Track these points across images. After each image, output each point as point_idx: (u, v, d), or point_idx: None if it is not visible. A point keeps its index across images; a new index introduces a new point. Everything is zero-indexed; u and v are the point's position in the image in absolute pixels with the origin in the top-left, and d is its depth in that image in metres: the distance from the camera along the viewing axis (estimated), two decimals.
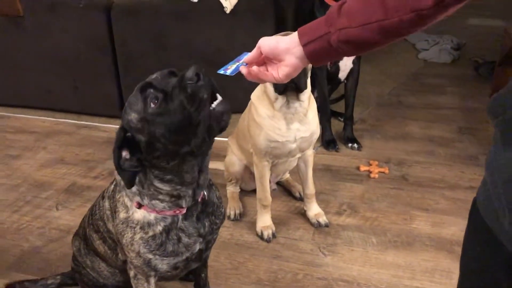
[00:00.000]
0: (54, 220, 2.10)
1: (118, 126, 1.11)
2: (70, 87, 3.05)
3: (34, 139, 2.84)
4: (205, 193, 1.24)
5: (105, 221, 1.31)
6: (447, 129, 2.81)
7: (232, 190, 2.17)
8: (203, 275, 1.56)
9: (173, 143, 1.03)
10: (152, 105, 1.02)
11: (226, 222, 2.04)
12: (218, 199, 1.33)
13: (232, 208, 2.10)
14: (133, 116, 1.05)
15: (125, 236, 1.21)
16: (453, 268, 1.76)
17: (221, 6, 2.67)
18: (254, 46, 1.77)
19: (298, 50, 0.93)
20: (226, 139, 2.22)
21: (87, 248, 1.49)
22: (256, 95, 1.83)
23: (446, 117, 2.96)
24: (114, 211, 1.24)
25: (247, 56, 1.04)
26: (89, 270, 1.52)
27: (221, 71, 1.07)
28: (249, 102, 1.88)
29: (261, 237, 1.95)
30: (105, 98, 3.02)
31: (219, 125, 1.03)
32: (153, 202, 1.16)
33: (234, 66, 1.07)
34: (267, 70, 1.01)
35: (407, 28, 0.83)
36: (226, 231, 2.00)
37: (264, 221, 1.97)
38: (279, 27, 2.74)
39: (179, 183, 1.13)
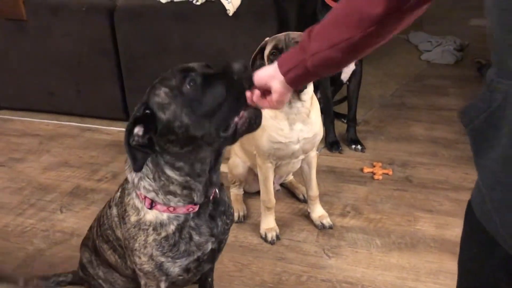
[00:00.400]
0: (58, 223, 2.10)
1: (122, 129, 1.11)
2: (73, 90, 3.06)
3: (38, 142, 2.85)
4: (217, 191, 1.23)
5: (114, 229, 1.30)
6: (451, 130, 2.80)
7: (236, 192, 2.17)
8: (209, 279, 1.54)
9: (196, 126, 1.02)
10: (188, 86, 1.02)
11: None
12: (228, 198, 1.33)
13: (236, 210, 2.09)
14: (163, 91, 1.04)
15: (138, 239, 1.19)
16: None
17: (223, 9, 2.67)
18: (256, 48, 1.80)
19: (280, 75, 1.01)
20: None
21: (99, 260, 1.48)
22: None
23: (449, 118, 2.96)
24: (122, 217, 1.22)
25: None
26: (101, 282, 1.50)
27: None
28: None
29: (265, 239, 1.95)
30: (109, 101, 3.02)
31: (249, 125, 1.04)
32: (168, 197, 1.13)
33: None
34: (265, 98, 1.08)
35: (372, 41, 0.90)
36: (230, 233, 1.97)
37: (268, 223, 1.97)
38: (282, 29, 2.74)
39: (189, 173, 1.10)
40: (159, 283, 1.25)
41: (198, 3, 2.67)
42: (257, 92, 1.04)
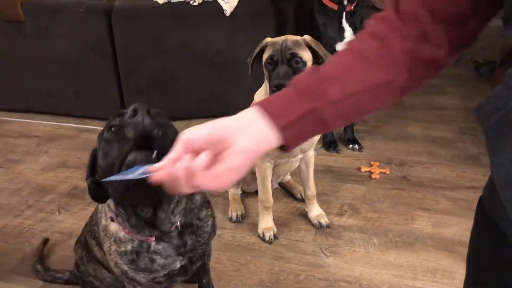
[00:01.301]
0: (56, 224, 2.11)
1: None
2: (71, 91, 3.06)
3: (36, 143, 2.85)
4: (178, 222, 1.16)
5: (99, 224, 1.30)
6: (448, 130, 2.81)
7: (233, 192, 2.18)
8: (204, 280, 1.54)
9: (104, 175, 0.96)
10: (106, 131, 0.99)
11: (228, 224, 2.05)
12: (202, 219, 1.24)
13: (233, 210, 2.10)
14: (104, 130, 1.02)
15: (104, 244, 1.20)
16: (455, 268, 1.76)
17: (221, 9, 2.68)
18: (254, 48, 1.80)
19: (258, 128, 0.66)
20: None
21: (89, 256, 1.49)
22: (259, 95, 1.84)
23: (447, 117, 2.97)
24: (100, 216, 1.24)
25: (162, 162, 0.66)
26: (92, 279, 1.52)
27: (112, 178, 0.80)
28: (253, 102, 1.88)
29: (262, 238, 1.95)
30: (107, 102, 3.03)
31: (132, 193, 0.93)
32: (125, 223, 1.11)
33: (132, 174, 0.72)
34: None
35: (418, 85, 0.73)
36: (228, 233, 2.00)
37: (266, 223, 1.97)
38: (279, 29, 2.75)
39: (127, 220, 1.08)
40: (134, 286, 1.24)
41: (195, 4, 2.68)
42: (202, 157, 0.63)
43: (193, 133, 0.65)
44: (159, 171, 0.65)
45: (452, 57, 0.72)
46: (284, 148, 0.69)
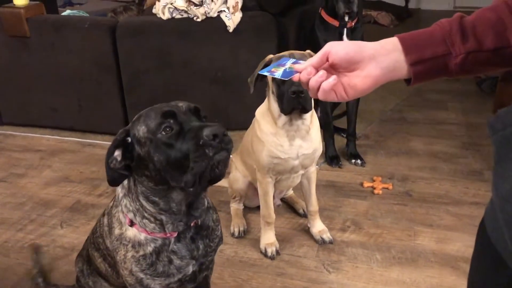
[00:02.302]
0: (58, 238, 2.10)
1: None
2: (75, 105, 3.09)
3: (39, 157, 2.86)
4: (199, 220, 1.22)
5: (104, 237, 1.31)
6: (451, 145, 2.81)
7: (236, 207, 2.17)
8: None
9: (165, 172, 1.05)
10: (164, 133, 1.04)
11: (230, 239, 2.04)
12: (215, 222, 1.31)
13: (236, 225, 2.09)
14: (142, 128, 1.07)
15: (119, 253, 1.20)
16: (459, 284, 1.75)
17: (224, 25, 2.71)
18: (257, 64, 1.81)
19: (391, 58, 0.75)
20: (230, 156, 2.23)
21: (90, 269, 1.49)
22: (260, 112, 1.85)
23: (449, 132, 2.97)
24: (110, 227, 1.24)
25: (305, 63, 0.83)
26: None
27: (266, 73, 0.92)
28: (254, 119, 1.89)
29: (265, 254, 1.95)
30: (110, 117, 3.04)
31: (214, 175, 1.06)
32: (144, 221, 1.15)
33: (280, 70, 0.90)
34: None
35: None
36: (229, 248, 1.99)
37: (268, 238, 1.96)
38: (281, 45, 2.77)
39: (164, 209, 1.13)
40: None
41: (198, 20, 2.71)
42: (332, 79, 0.78)
43: (336, 49, 0.77)
44: (301, 72, 0.81)
45: None
46: (408, 81, 0.78)
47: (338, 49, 0.77)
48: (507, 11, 0.71)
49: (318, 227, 2.03)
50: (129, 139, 1.09)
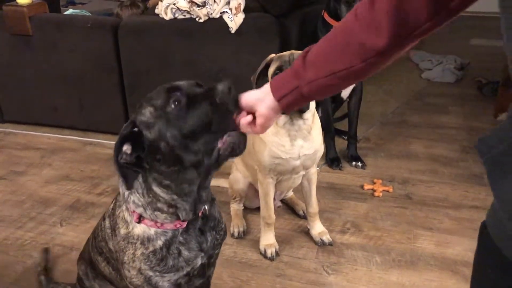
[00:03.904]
0: (58, 237, 2.10)
1: None
2: (76, 104, 3.09)
3: (40, 155, 2.86)
4: (206, 207, 1.22)
5: (107, 240, 1.30)
6: (451, 148, 2.81)
7: (236, 207, 2.17)
8: None
9: (181, 148, 1.02)
10: (173, 106, 1.02)
11: (229, 240, 2.04)
12: (219, 214, 1.32)
13: (235, 225, 2.09)
14: (148, 110, 1.05)
15: (127, 253, 1.19)
16: None
17: (226, 26, 2.71)
18: (259, 65, 1.82)
19: (269, 99, 1.01)
20: None
21: (95, 272, 1.47)
22: None
23: (449, 136, 2.97)
24: (114, 229, 1.23)
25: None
26: None
27: None
28: None
29: (264, 255, 1.95)
30: (111, 116, 3.05)
31: (232, 150, 1.04)
32: (156, 213, 1.13)
33: None
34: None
35: (373, 69, 0.89)
36: (229, 249, 1.99)
37: (268, 239, 1.96)
38: (284, 47, 2.78)
39: (176, 192, 1.11)
40: None
41: (201, 21, 2.71)
42: (248, 117, 1.04)
43: (245, 96, 1.05)
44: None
45: (395, 47, 0.84)
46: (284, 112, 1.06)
47: (245, 96, 1.05)
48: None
49: (318, 228, 2.03)
50: (136, 129, 1.06)
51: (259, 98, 1.03)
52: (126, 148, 1.05)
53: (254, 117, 1.05)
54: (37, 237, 2.10)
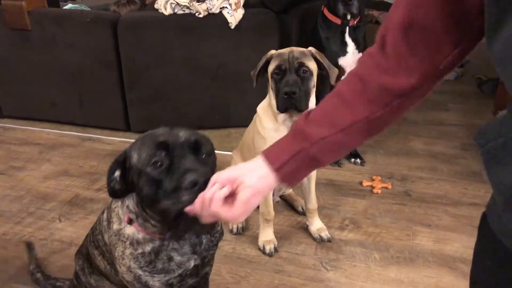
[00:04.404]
0: (56, 232, 2.10)
1: (122, 139, 1.12)
2: (75, 100, 3.08)
3: (39, 151, 2.86)
4: None
5: (103, 233, 1.30)
6: (450, 146, 2.81)
7: None
8: None
9: (154, 200, 1.02)
10: (152, 168, 0.99)
11: (228, 236, 2.04)
12: None
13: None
14: (135, 156, 1.04)
15: (117, 249, 1.19)
16: (456, 284, 1.75)
17: (226, 22, 2.71)
18: (258, 61, 1.81)
19: (261, 171, 0.84)
20: (230, 153, 2.23)
21: (91, 268, 1.47)
22: (262, 107, 1.85)
23: (449, 133, 2.97)
24: (109, 221, 1.23)
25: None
26: None
27: None
28: (255, 114, 1.89)
29: (263, 251, 1.95)
30: (110, 111, 3.04)
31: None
32: (146, 224, 1.14)
33: None
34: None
35: (394, 117, 0.80)
36: (228, 245, 1.99)
37: (267, 235, 1.97)
38: (283, 43, 2.77)
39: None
40: None
41: (200, 16, 2.70)
42: (223, 190, 0.84)
43: (221, 174, 0.87)
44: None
45: (430, 85, 0.77)
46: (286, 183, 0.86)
47: (221, 173, 0.88)
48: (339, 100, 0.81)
49: (316, 225, 2.03)
50: (127, 163, 1.07)
51: (247, 170, 0.85)
52: (117, 174, 1.07)
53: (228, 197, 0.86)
54: (35, 232, 2.10)
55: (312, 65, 1.71)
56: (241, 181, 0.83)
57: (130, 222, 1.16)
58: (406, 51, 0.73)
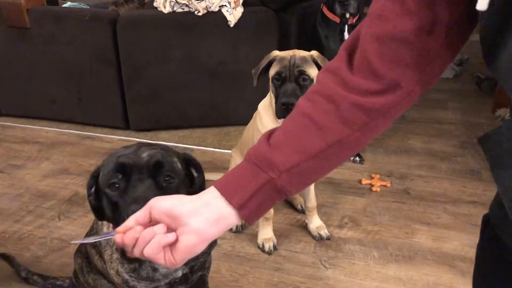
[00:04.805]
0: (56, 230, 2.10)
1: (122, 137, 1.12)
2: (74, 98, 3.08)
3: (38, 149, 2.86)
4: None
5: (98, 232, 1.30)
6: (449, 144, 2.82)
7: None
8: None
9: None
10: (109, 190, 0.98)
11: (228, 234, 2.04)
12: None
13: None
14: (100, 175, 1.03)
15: (105, 252, 1.20)
16: (455, 282, 1.76)
17: (225, 20, 2.70)
18: (258, 59, 1.81)
19: (213, 209, 0.69)
20: (229, 151, 2.23)
21: (90, 266, 1.48)
22: (263, 105, 1.85)
23: (448, 131, 2.97)
24: (102, 223, 1.24)
25: (128, 220, 0.72)
26: None
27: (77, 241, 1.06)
28: (256, 112, 1.89)
29: (262, 249, 1.95)
30: (109, 109, 3.04)
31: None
32: None
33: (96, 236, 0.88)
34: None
35: (371, 135, 0.71)
36: (227, 243, 1.99)
37: (266, 233, 1.97)
38: (282, 41, 2.77)
39: None
40: None
41: (199, 14, 2.70)
42: (169, 237, 0.68)
43: (159, 203, 0.70)
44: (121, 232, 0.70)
45: (411, 98, 0.70)
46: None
47: (160, 202, 0.70)
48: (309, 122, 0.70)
49: (315, 223, 2.03)
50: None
51: (194, 206, 0.69)
52: (92, 190, 1.05)
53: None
54: (35, 230, 2.10)
55: (313, 72, 1.70)
56: (185, 222, 0.67)
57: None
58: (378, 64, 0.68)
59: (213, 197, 0.69)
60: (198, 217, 0.67)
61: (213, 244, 1.30)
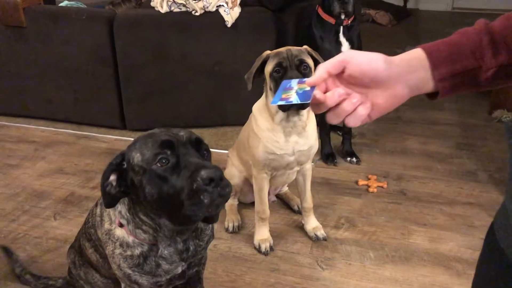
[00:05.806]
0: (51, 230, 2.09)
1: (118, 137, 1.12)
2: (70, 97, 3.07)
3: (34, 148, 2.85)
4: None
5: (96, 228, 1.30)
6: (446, 145, 2.82)
7: (230, 202, 2.17)
8: None
9: (156, 205, 1.04)
10: (159, 165, 0.99)
11: (224, 235, 2.04)
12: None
13: (230, 220, 2.09)
14: (136, 156, 1.03)
15: (107, 247, 1.21)
16: (451, 284, 1.76)
17: (222, 20, 2.70)
18: (255, 60, 1.80)
19: (415, 77, 0.68)
20: (226, 151, 2.23)
21: (82, 260, 1.49)
22: (257, 107, 1.85)
23: (444, 132, 2.98)
24: (101, 218, 1.25)
25: (315, 75, 0.69)
26: (83, 283, 1.51)
27: (282, 102, 0.73)
28: (251, 114, 1.89)
29: (258, 250, 1.95)
30: (106, 109, 3.03)
31: (206, 219, 1.09)
32: (137, 230, 1.15)
33: (292, 95, 0.73)
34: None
35: None
36: (223, 244, 1.99)
37: (262, 234, 1.97)
38: (280, 41, 2.77)
39: (159, 224, 1.13)
40: None
41: (197, 14, 2.70)
42: (354, 102, 0.68)
43: (358, 60, 0.67)
44: (316, 93, 0.68)
45: None
46: (431, 95, 0.71)
47: (360, 61, 0.67)
48: None
49: (312, 224, 2.03)
50: (125, 165, 1.06)
51: (401, 72, 0.67)
52: (113, 178, 1.06)
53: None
54: (30, 230, 2.09)
55: (311, 62, 1.71)
56: (390, 86, 0.67)
57: (121, 225, 1.17)
58: None
59: (419, 64, 0.68)
60: (404, 84, 0.67)
61: (211, 237, 1.32)
